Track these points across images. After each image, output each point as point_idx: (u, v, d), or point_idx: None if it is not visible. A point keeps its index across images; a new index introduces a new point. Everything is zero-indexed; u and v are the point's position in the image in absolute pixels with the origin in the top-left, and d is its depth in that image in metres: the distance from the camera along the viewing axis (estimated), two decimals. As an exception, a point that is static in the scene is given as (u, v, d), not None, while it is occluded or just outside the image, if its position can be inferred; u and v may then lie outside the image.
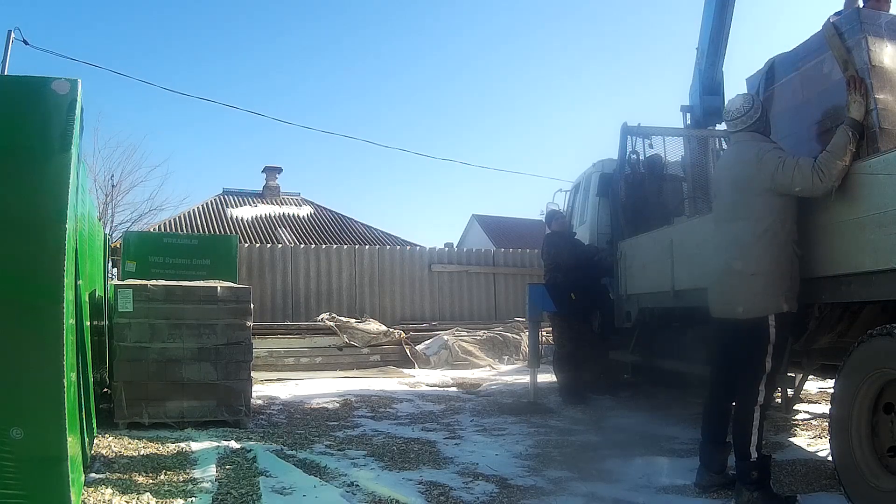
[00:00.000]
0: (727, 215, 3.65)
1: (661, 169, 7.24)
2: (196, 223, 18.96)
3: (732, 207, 3.59)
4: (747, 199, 3.48)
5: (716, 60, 7.05)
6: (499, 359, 11.83)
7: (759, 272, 3.39)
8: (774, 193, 3.39)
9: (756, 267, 3.40)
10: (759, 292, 3.39)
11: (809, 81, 4.00)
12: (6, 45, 8.21)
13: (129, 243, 10.31)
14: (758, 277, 3.39)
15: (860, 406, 3.15)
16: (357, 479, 3.92)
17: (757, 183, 3.43)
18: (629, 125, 7.03)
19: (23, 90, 2.77)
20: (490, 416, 6.41)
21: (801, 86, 4.14)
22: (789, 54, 4.31)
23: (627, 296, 6.21)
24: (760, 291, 3.39)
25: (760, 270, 3.39)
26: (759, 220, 3.41)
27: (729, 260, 3.56)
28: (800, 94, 4.15)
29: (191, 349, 5.41)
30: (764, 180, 3.40)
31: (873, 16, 3.62)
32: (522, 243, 18.84)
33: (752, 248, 3.42)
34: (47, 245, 2.57)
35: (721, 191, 3.77)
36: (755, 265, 3.40)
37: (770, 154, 3.44)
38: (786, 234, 3.39)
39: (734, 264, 3.51)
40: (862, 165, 3.14)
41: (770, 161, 3.40)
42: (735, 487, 3.49)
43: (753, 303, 3.41)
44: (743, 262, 3.45)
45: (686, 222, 5.47)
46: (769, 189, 3.39)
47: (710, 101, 7.16)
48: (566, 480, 4.00)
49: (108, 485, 3.58)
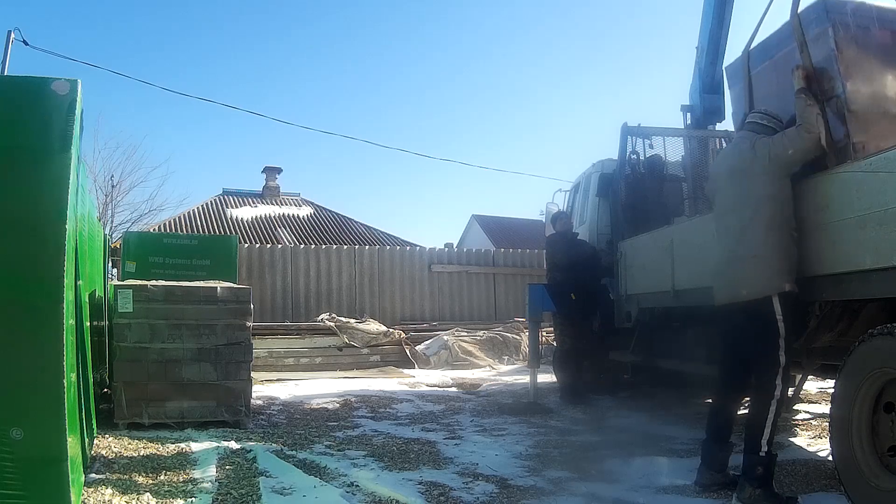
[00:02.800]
0: (727, 206, 3.78)
1: (662, 169, 7.23)
2: (196, 223, 18.95)
3: (733, 198, 3.72)
4: (745, 188, 3.63)
5: (715, 59, 7.04)
6: (499, 359, 11.83)
7: (760, 254, 3.50)
8: (771, 178, 3.53)
9: (756, 249, 3.52)
10: (762, 272, 3.49)
11: (783, 70, 4.02)
12: (6, 45, 8.21)
13: (128, 243, 10.31)
14: (758, 259, 3.50)
15: (860, 406, 3.15)
16: (357, 480, 3.92)
17: (754, 169, 3.59)
18: (629, 125, 7.03)
19: (23, 90, 2.77)
20: (490, 416, 6.40)
21: (775, 75, 4.18)
22: (763, 43, 4.35)
23: (627, 296, 6.21)
24: (763, 272, 3.48)
25: (762, 252, 3.50)
26: (757, 205, 3.54)
27: (730, 246, 3.68)
28: (774, 82, 4.19)
29: (191, 349, 5.40)
30: (762, 162, 3.56)
31: (839, 4, 3.67)
32: (522, 243, 18.83)
33: (752, 232, 3.54)
34: (47, 245, 2.57)
35: (720, 185, 3.90)
36: (755, 247, 3.52)
37: (761, 140, 3.66)
38: (783, 217, 3.51)
39: (737, 250, 3.62)
40: (863, 164, 3.14)
41: (762, 145, 3.62)
42: (738, 482, 3.49)
43: (756, 284, 3.50)
44: (745, 246, 3.57)
45: (686, 222, 5.47)
46: (766, 172, 3.54)
47: (710, 100, 7.16)
48: (566, 480, 4.00)
49: (108, 485, 3.58)
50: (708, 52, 7.03)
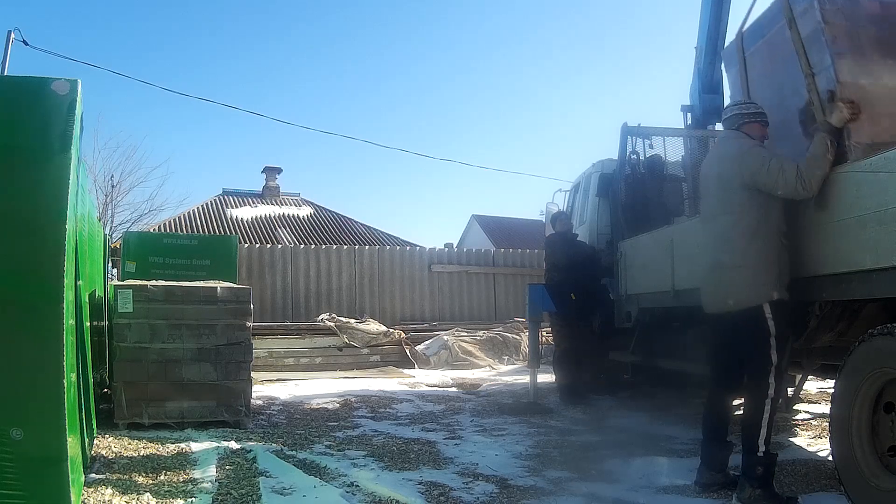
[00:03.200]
0: (713, 211, 3.73)
1: (662, 169, 7.23)
2: (196, 223, 18.95)
3: (717, 203, 3.67)
4: (731, 195, 3.56)
5: (714, 59, 7.03)
6: (499, 359, 11.83)
7: (745, 264, 3.45)
8: (756, 189, 3.46)
9: (741, 259, 3.46)
10: (748, 283, 3.44)
11: (775, 48, 4.01)
12: (6, 45, 8.21)
13: (128, 244, 10.30)
14: (743, 269, 3.45)
15: (860, 405, 3.15)
16: (357, 480, 3.92)
17: (738, 179, 3.50)
18: (629, 125, 7.03)
19: (23, 90, 2.77)
20: (490, 416, 6.40)
21: (768, 53, 4.16)
22: (756, 23, 4.33)
23: (627, 296, 6.20)
24: (748, 282, 3.44)
25: (746, 263, 3.45)
26: (742, 214, 3.48)
27: (716, 255, 3.63)
28: (768, 62, 4.17)
29: (191, 349, 5.40)
30: (744, 176, 3.47)
31: None
32: (522, 243, 18.83)
33: (737, 242, 3.49)
34: (47, 245, 2.56)
35: (708, 188, 3.84)
36: (740, 258, 3.47)
37: (752, 152, 3.51)
38: (769, 226, 3.45)
39: (721, 258, 3.58)
40: (863, 164, 3.14)
41: (752, 159, 3.47)
42: (738, 482, 3.48)
43: (742, 294, 3.46)
44: (729, 255, 3.53)
45: (686, 222, 5.47)
46: (750, 185, 3.46)
47: (709, 100, 7.15)
48: (566, 480, 4.00)
49: (108, 485, 3.58)
50: (706, 52, 7.03)
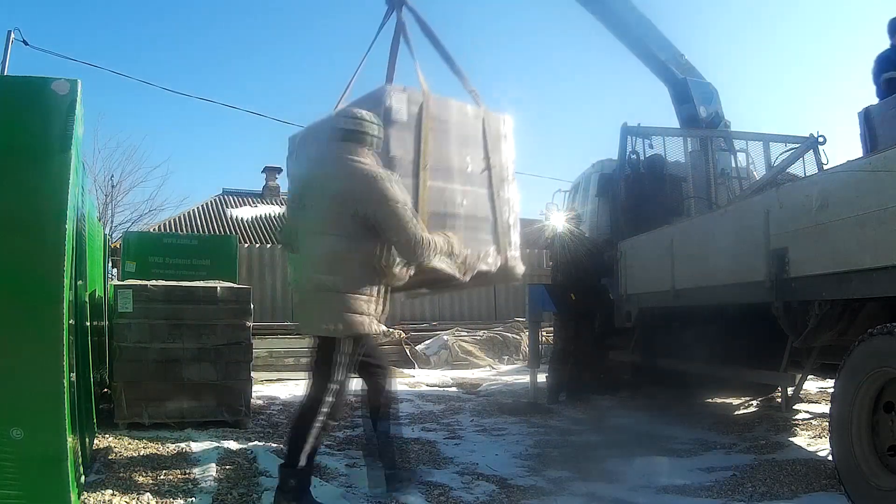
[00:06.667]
0: (318, 227, 3.37)
1: (661, 169, 7.23)
2: (196, 223, 18.93)
3: (324, 219, 3.35)
4: (340, 215, 3.26)
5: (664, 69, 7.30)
6: (499, 359, 11.83)
7: (345, 290, 3.23)
8: (356, 223, 3.24)
9: (344, 285, 3.23)
10: (341, 311, 3.22)
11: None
12: (6, 45, 8.19)
13: (129, 243, 10.29)
14: (342, 296, 3.23)
15: (860, 405, 3.15)
16: (357, 479, 3.92)
17: (351, 205, 3.23)
18: (629, 125, 7.03)
19: (23, 90, 2.76)
20: (490, 416, 6.40)
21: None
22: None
23: (627, 296, 6.21)
24: (342, 310, 3.22)
25: (346, 289, 3.23)
26: (350, 238, 3.24)
27: (315, 275, 3.34)
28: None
29: (191, 349, 5.40)
30: (358, 206, 3.22)
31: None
32: (522, 243, 18.79)
33: (340, 265, 3.26)
34: (47, 245, 2.56)
35: (314, 200, 3.45)
36: (342, 283, 3.23)
37: (378, 185, 3.25)
38: (364, 255, 3.26)
39: (322, 280, 3.29)
40: (863, 163, 3.14)
41: (375, 195, 3.23)
42: (274, 496, 3.30)
43: (333, 321, 3.24)
44: (331, 278, 3.26)
45: (686, 222, 5.48)
46: (362, 214, 3.23)
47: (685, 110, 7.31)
48: (566, 480, 4.00)
49: (108, 485, 3.58)
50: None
